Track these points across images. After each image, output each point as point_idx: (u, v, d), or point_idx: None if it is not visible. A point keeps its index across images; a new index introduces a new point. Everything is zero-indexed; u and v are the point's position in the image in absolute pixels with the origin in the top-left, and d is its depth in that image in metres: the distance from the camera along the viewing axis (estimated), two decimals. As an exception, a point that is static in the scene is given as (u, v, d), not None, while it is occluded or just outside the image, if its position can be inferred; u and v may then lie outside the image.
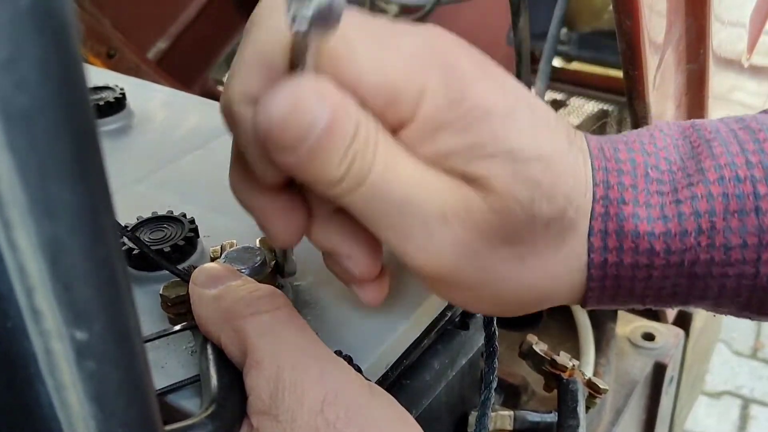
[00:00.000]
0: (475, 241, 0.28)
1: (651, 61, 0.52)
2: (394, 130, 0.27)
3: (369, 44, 0.26)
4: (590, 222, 0.30)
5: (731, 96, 0.86)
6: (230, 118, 0.28)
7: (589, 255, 0.30)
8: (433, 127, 0.27)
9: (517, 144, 0.27)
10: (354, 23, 0.26)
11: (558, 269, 0.30)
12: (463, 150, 0.27)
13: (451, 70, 0.27)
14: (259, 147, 0.27)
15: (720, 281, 0.30)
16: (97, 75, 0.62)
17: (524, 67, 0.58)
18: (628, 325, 0.80)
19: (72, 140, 0.17)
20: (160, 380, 0.33)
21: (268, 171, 0.28)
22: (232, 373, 0.30)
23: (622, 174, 0.30)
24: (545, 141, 0.28)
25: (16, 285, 0.19)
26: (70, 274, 0.18)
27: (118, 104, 0.55)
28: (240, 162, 0.30)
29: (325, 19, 0.24)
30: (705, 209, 0.29)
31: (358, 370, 0.33)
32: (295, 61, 0.26)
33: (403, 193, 0.27)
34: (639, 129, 0.32)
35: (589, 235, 0.30)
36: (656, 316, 0.80)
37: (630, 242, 0.29)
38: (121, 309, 0.19)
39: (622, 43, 0.49)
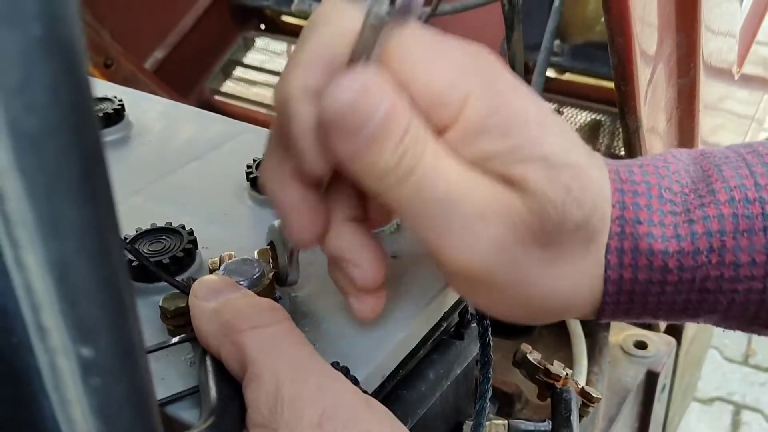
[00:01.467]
0: (511, 240, 0.29)
1: (642, 76, 0.53)
2: (437, 132, 0.29)
3: (422, 49, 0.28)
4: (607, 240, 0.31)
5: (721, 105, 0.86)
6: (285, 111, 0.29)
7: (605, 271, 0.32)
8: (475, 131, 0.28)
9: (550, 150, 0.29)
10: (410, 29, 0.28)
11: (580, 278, 0.32)
12: (503, 153, 0.29)
13: (493, 82, 0.29)
14: (316, 136, 0.28)
15: (729, 296, 0.31)
16: (96, 86, 0.62)
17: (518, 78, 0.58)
18: (621, 333, 0.80)
19: (80, 162, 0.17)
20: (159, 391, 0.33)
21: (318, 162, 0.29)
22: (231, 385, 0.31)
23: (637, 195, 0.31)
24: (572, 151, 0.30)
25: (23, 302, 0.19)
26: (76, 292, 0.18)
27: (116, 115, 0.55)
28: (277, 155, 0.31)
29: (404, 13, 0.26)
30: (716, 229, 0.31)
31: (355, 381, 0.33)
32: (354, 57, 0.28)
33: (447, 190, 0.28)
34: (653, 154, 0.34)
35: (606, 252, 0.31)
36: (648, 325, 0.81)
37: (645, 260, 0.31)
38: (126, 325, 0.19)
39: (614, 58, 0.49)
